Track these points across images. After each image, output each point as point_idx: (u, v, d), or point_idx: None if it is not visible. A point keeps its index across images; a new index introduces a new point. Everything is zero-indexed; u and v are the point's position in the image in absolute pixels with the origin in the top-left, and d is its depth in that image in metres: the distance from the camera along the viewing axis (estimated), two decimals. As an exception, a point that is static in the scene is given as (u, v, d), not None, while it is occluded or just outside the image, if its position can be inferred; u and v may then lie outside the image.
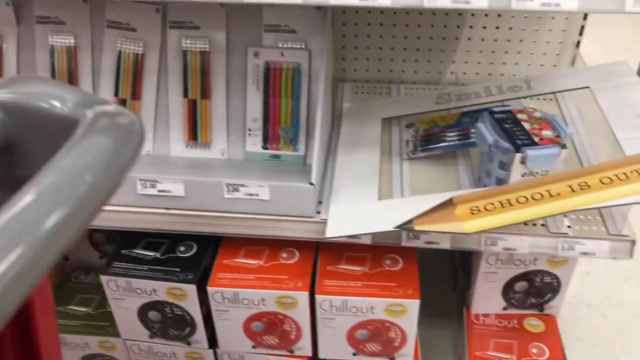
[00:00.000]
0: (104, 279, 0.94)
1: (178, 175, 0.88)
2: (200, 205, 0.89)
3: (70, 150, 0.35)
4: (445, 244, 0.86)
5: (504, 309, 1.04)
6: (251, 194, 0.87)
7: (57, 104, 0.42)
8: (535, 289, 1.00)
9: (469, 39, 1.15)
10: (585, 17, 1.10)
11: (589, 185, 0.78)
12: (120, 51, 0.97)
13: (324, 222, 0.86)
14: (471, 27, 1.13)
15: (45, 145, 0.36)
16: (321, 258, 0.95)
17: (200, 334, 0.98)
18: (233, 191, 0.87)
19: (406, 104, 1.10)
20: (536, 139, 0.83)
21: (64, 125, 0.38)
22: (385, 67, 1.21)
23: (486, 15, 1.11)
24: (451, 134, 0.99)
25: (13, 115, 0.42)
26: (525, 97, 1.02)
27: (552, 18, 1.11)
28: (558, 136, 0.84)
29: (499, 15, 1.11)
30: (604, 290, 1.51)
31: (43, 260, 0.30)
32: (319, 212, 0.88)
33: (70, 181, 0.33)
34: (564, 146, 0.82)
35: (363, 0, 0.67)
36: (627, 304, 1.48)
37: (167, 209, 0.89)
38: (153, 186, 0.89)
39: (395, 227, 0.80)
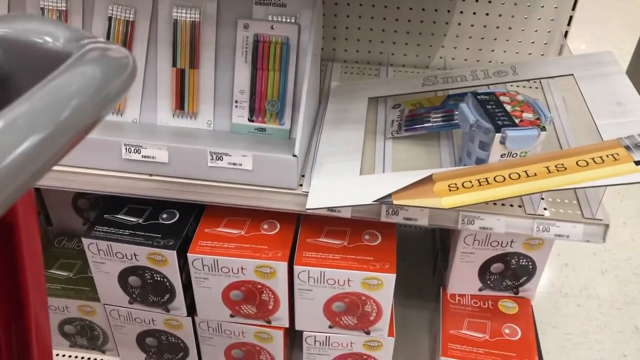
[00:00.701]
0: (85, 241, 0.95)
1: (162, 142, 0.89)
2: (184, 172, 0.89)
3: (58, 75, 0.36)
4: (424, 221, 0.88)
5: (480, 289, 1.06)
6: (234, 163, 0.88)
7: (49, 39, 0.42)
8: (510, 271, 1.02)
9: (459, 24, 1.16)
10: (574, 7, 1.12)
11: (565, 167, 0.79)
12: (110, 17, 0.98)
13: (305, 195, 0.87)
14: (461, 12, 1.14)
15: (39, 80, 0.37)
16: (302, 230, 0.96)
17: (179, 301, 1.00)
18: (217, 160, 0.88)
19: (393, 84, 1.11)
20: (517, 121, 0.84)
21: (57, 60, 0.39)
22: (375, 48, 1.22)
23: (477, 0, 1.12)
24: (436, 115, 1.00)
25: (6, 51, 0.43)
26: (510, 82, 1.04)
27: (542, 7, 1.12)
28: (539, 119, 0.86)
29: (490, 2, 1.13)
30: (581, 281, 1.54)
31: (22, 176, 0.31)
32: (301, 185, 0.89)
33: (54, 104, 0.33)
34: (543, 128, 0.84)
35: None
36: (603, 296, 1.51)
37: (150, 175, 0.90)
38: (137, 151, 0.89)
39: (374, 201, 0.82)
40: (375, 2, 1.15)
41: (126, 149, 0.89)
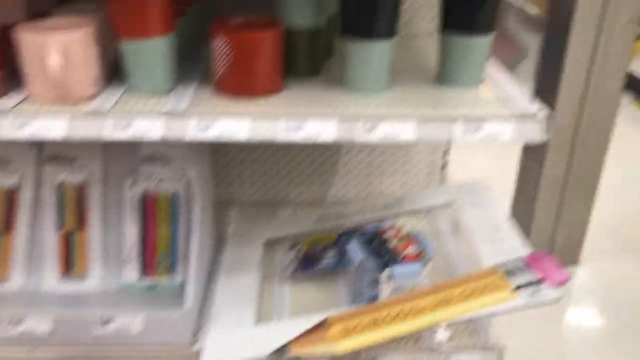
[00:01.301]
0: None
1: (46, 311, 0.84)
2: (70, 341, 0.85)
3: None
4: (325, 366, 0.86)
5: None
6: (123, 326, 0.84)
7: None
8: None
9: (347, 162, 1.23)
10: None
11: (451, 299, 0.82)
12: (-8, 184, 0.96)
13: (199, 353, 0.84)
14: (347, 152, 1.21)
15: None
16: (201, 389, 0.91)
17: None
18: (104, 324, 0.84)
19: (289, 225, 1.13)
20: (401, 256, 0.88)
21: None
22: (271, 189, 1.25)
23: (359, 140, 1.20)
24: (330, 254, 1.02)
25: None
26: (398, 214, 1.09)
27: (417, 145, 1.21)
28: (423, 251, 0.90)
29: (372, 140, 1.21)
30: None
31: None
32: (196, 341, 0.86)
33: None
34: (427, 262, 0.87)
35: (221, 134, 0.72)
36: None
37: (31, 348, 0.85)
38: (18, 324, 0.84)
39: (270, 354, 0.80)
40: (266, 147, 1.21)
41: (7, 322, 0.84)
